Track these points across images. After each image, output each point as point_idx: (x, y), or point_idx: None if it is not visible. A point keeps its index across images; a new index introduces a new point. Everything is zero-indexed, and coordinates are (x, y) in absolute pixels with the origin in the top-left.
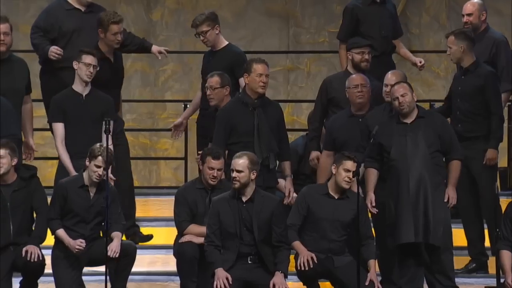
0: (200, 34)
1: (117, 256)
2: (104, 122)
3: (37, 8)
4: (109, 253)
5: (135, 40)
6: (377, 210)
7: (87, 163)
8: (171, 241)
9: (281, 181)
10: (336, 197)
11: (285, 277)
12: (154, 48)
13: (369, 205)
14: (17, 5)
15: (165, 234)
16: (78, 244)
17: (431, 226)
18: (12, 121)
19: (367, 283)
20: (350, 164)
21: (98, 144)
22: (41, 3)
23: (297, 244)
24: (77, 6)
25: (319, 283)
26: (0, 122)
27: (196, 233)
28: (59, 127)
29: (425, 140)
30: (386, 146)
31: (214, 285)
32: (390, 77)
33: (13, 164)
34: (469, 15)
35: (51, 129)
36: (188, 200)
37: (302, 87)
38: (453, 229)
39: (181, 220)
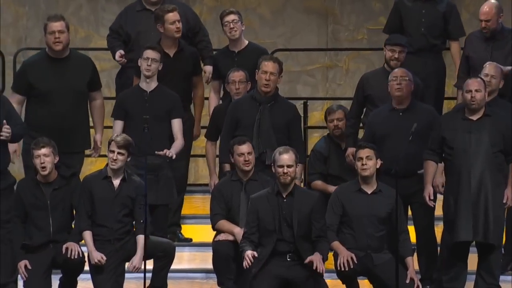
0: (231, 22)
1: (138, 271)
2: (144, 120)
3: (76, 6)
4: (130, 268)
5: (202, 43)
6: (434, 204)
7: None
8: (209, 239)
9: None
10: (369, 192)
11: (324, 260)
12: (207, 68)
13: (426, 198)
14: (56, 2)
15: (203, 232)
16: (99, 259)
17: (491, 225)
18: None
19: (407, 281)
20: (361, 152)
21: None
22: (80, 1)
23: (336, 244)
24: (148, 7)
25: (358, 280)
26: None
27: (225, 229)
28: (117, 125)
29: (489, 139)
30: (448, 141)
31: (243, 265)
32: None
33: (54, 162)
34: (487, 20)
35: None
36: (224, 194)
37: (340, 84)
38: None
39: (213, 214)
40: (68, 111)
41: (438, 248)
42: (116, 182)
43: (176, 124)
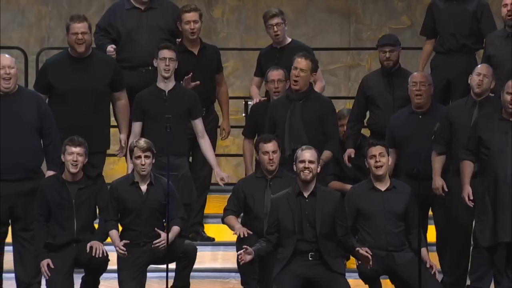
0: (275, 25)
1: (161, 248)
2: (166, 119)
3: (99, 5)
4: (156, 242)
5: None
6: (473, 204)
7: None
8: (231, 238)
9: None
10: (382, 190)
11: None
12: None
13: (466, 199)
14: (79, 2)
15: (226, 231)
16: (121, 249)
17: None
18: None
19: (428, 266)
20: (373, 150)
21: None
22: (103, 1)
23: None
24: (137, 5)
25: (381, 280)
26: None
27: (229, 225)
28: (135, 126)
29: None
30: (485, 141)
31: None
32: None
33: (84, 163)
34: None
35: None
36: (244, 192)
37: None
38: None
39: (225, 208)
40: (88, 111)
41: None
42: (144, 187)
43: (199, 124)
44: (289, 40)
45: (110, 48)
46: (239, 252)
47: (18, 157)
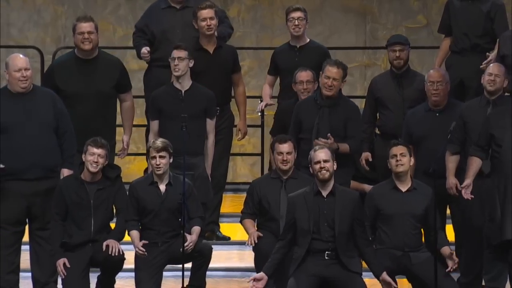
0: (297, 19)
1: (189, 250)
2: (182, 118)
3: (115, 5)
4: (185, 244)
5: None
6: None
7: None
8: (247, 237)
9: None
10: (403, 190)
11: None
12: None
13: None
14: (95, 2)
15: (241, 230)
16: (141, 250)
17: None
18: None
19: (452, 257)
20: (395, 149)
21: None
22: (119, 0)
23: None
24: (172, 4)
25: (397, 279)
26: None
27: (244, 228)
28: (153, 125)
29: None
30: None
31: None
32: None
33: (104, 164)
34: None
35: None
36: (258, 192)
37: None
38: None
39: (242, 211)
40: (94, 113)
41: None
42: (162, 187)
43: (210, 124)
44: (307, 39)
45: (144, 50)
46: (250, 282)
47: (35, 157)
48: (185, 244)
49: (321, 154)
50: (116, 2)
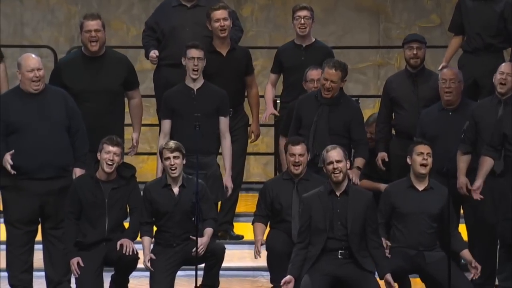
0: (303, 18)
1: (201, 253)
2: (196, 118)
3: (128, 4)
4: (199, 245)
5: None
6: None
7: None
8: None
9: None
10: (420, 189)
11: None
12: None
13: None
14: (108, 1)
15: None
16: (148, 266)
17: None
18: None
19: (473, 265)
20: (422, 148)
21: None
22: (132, 0)
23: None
24: (183, 2)
25: (411, 279)
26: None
27: (254, 233)
28: (165, 124)
29: None
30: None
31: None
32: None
33: (119, 163)
34: None
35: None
36: (270, 194)
37: None
38: None
39: (254, 213)
40: (102, 110)
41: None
42: (176, 189)
43: (224, 122)
44: (313, 39)
45: (153, 54)
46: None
47: (47, 156)
48: (198, 249)
49: (334, 154)
50: (130, 2)
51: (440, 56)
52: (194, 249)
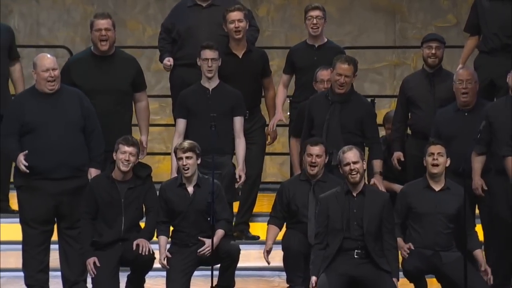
0: (315, 17)
1: (207, 254)
2: (211, 118)
3: (144, 4)
4: (200, 250)
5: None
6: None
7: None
8: (276, 237)
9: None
10: (436, 190)
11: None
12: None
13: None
14: (124, 1)
15: None
16: (164, 264)
17: None
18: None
19: (482, 269)
20: (433, 148)
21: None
22: (148, 0)
23: (397, 240)
24: (198, 2)
25: (427, 279)
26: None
27: (266, 237)
28: (179, 123)
29: None
30: None
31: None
32: None
33: (135, 163)
34: None
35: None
36: (287, 194)
37: None
38: None
39: (270, 214)
40: (110, 110)
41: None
42: (191, 188)
43: (238, 122)
44: (325, 39)
45: (167, 62)
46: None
47: (62, 156)
48: (200, 250)
49: (350, 155)
50: (146, 2)
51: (456, 56)
52: (200, 250)
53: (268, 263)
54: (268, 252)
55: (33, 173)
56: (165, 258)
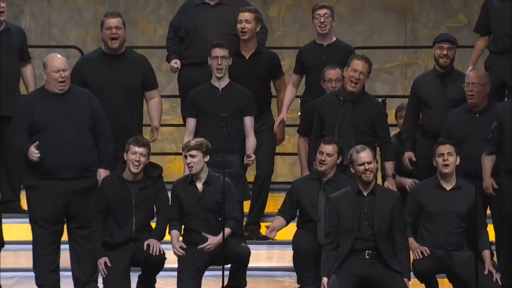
0: (323, 16)
1: (206, 250)
2: (222, 118)
3: (155, 4)
4: (201, 246)
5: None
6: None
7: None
8: (287, 237)
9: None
10: (448, 189)
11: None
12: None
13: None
14: (135, 1)
15: (281, 230)
16: (178, 250)
17: None
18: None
19: (485, 272)
20: (442, 148)
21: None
22: (159, 0)
23: (409, 240)
24: (206, 0)
25: (438, 279)
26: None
27: (272, 222)
28: (190, 122)
29: None
30: None
31: None
32: None
33: (146, 163)
34: None
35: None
36: (299, 192)
37: None
38: None
39: (279, 209)
40: (121, 109)
41: None
42: (200, 186)
43: (248, 121)
44: (334, 38)
45: (174, 64)
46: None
47: (71, 156)
48: (201, 246)
49: (365, 155)
50: (157, 2)
51: (467, 56)
52: (201, 246)
53: (272, 239)
54: (271, 230)
55: (42, 173)
56: (180, 247)
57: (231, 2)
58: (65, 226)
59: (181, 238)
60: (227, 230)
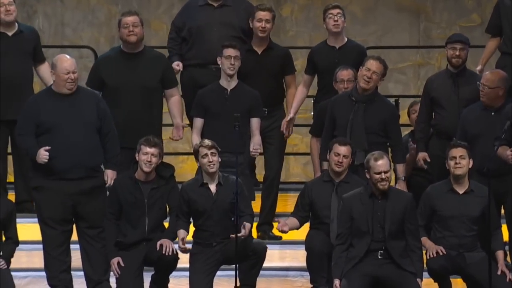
0: (336, 15)
1: (245, 235)
2: (235, 118)
3: (168, 4)
4: (241, 233)
5: None
6: None
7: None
8: (300, 237)
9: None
10: (460, 192)
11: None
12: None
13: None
14: (148, 1)
15: (293, 230)
16: (182, 248)
17: None
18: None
19: (498, 273)
20: (454, 151)
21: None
22: (172, 0)
23: (423, 239)
24: (210, 1)
25: (451, 279)
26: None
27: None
28: (197, 122)
29: None
30: None
31: None
32: None
33: (158, 163)
34: None
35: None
36: (311, 195)
37: None
38: None
39: (292, 212)
40: (140, 107)
41: None
42: (213, 187)
43: (255, 123)
44: (345, 39)
45: (176, 66)
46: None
47: (78, 157)
48: (239, 234)
49: (383, 164)
50: (170, 2)
51: (480, 56)
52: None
53: (285, 232)
54: (283, 225)
55: (49, 173)
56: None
57: (234, 3)
58: (74, 226)
59: (189, 238)
60: (248, 225)
